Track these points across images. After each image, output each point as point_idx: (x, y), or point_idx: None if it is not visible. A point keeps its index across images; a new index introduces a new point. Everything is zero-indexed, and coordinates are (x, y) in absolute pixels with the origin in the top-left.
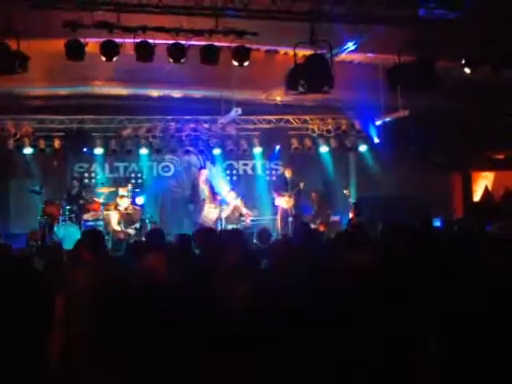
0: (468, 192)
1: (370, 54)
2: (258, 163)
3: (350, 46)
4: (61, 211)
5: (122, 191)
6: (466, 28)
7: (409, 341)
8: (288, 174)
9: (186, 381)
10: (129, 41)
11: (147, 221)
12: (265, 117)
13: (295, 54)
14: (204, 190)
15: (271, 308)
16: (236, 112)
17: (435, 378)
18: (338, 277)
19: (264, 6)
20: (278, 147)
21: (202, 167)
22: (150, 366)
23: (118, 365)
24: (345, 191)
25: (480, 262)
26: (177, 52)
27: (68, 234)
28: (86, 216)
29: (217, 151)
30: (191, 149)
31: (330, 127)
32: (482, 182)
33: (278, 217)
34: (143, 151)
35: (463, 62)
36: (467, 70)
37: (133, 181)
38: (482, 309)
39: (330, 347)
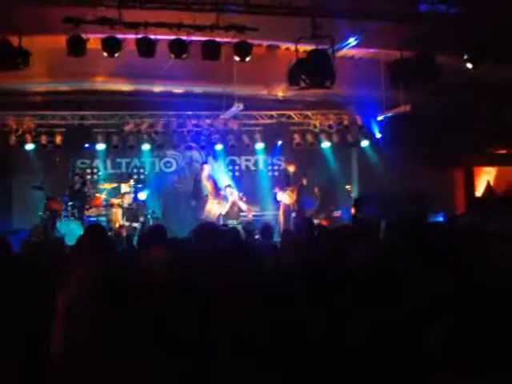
0: (470, 187)
1: (371, 50)
2: (260, 158)
3: (352, 41)
4: (63, 207)
5: (124, 187)
6: (467, 23)
7: (408, 338)
8: (291, 169)
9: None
10: (130, 36)
11: (149, 216)
12: (267, 112)
13: (297, 50)
14: (206, 185)
15: (274, 307)
16: (238, 107)
17: (435, 374)
18: (338, 274)
19: (265, 1)
20: (280, 142)
21: (204, 162)
22: (149, 363)
23: (118, 362)
24: (347, 186)
25: (483, 261)
26: (178, 48)
27: (70, 230)
28: (88, 212)
29: (219, 147)
30: (193, 144)
31: (331, 122)
32: (485, 178)
33: (280, 212)
34: (145, 147)
35: (465, 57)
36: (469, 65)
37: (135, 176)
38: (485, 308)
39: (331, 345)
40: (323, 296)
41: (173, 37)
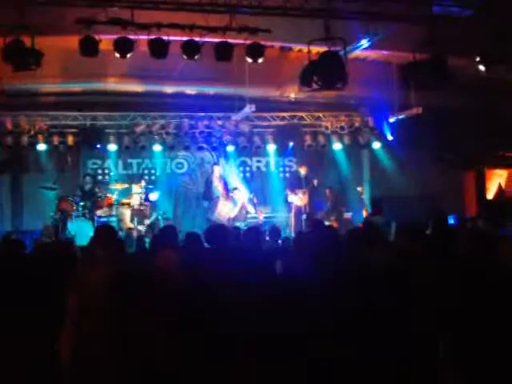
0: (481, 190)
1: (384, 52)
2: (272, 160)
3: (364, 43)
4: (74, 207)
5: (135, 188)
6: (481, 26)
7: (421, 341)
8: (303, 171)
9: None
10: (143, 37)
11: (160, 217)
12: (278, 113)
13: (309, 51)
14: (218, 187)
15: (286, 309)
16: (250, 109)
17: (447, 376)
18: (351, 276)
19: (278, 2)
20: (291, 144)
21: (216, 164)
22: (162, 365)
23: (130, 364)
24: (358, 188)
25: (492, 262)
26: (191, 49)
27: (81, 230)
28: (99, 212)
29: (230, 148)
30: (205, 145)
31: (343, 124)
32: (496, 180)
33: (292, 214)
34: (157, 148)
35: (478, 59)
36: (482, 68)
37: (146, 177)
38: (495, 309)
39: (343, 347)
40: (335, 298)
41: (185, 38)
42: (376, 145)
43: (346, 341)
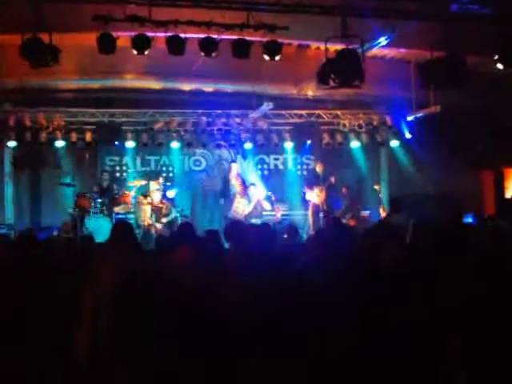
0: (500, 189)
1: (402, 50)
2: (289, 158)
3: (382, 40)
4: (92, 204)
5: (153, 184)
6: (500, 23)
7: (432, 338)
8: (319, 168)
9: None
10: (160, 34)
11: (178, 214)
12: (296, 111)
13: (327, 49)
14: (235, 184)
15: (305, 307)
16: (267, 106)
17: (458, 375)
18: (367, 274)
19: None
20: (309, 142)
21: (233, 161)
22: (171, 363)
23: (140, 361)
24: (375, 186)
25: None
26: (208, 46)
27: (99, 227)
28: (117, 209)
29: (248, 145)
30: (222, 143)
31: (361, 122)
32: None
33: (310, 212)
34: (174, 145)
35: (496, 57)
36: (500, 66)
37: (164, 174)
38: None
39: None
40: (350, 295)
41: (203, 35)
42: (394, 143)
43: (352, 340)
